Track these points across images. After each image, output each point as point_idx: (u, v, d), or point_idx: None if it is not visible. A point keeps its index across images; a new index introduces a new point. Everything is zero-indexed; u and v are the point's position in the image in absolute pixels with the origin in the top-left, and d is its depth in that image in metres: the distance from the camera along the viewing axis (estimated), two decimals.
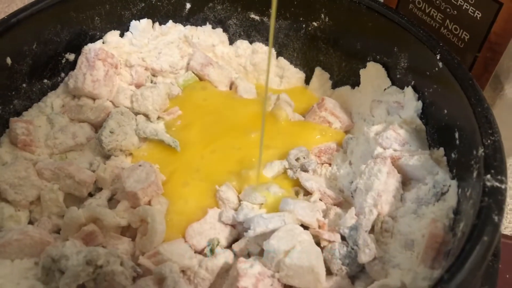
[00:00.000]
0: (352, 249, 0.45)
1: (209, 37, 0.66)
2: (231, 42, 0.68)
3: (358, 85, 0.62)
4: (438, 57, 0.50)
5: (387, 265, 0.44)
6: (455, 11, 0.57)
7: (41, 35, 0.56)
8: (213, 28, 0.67)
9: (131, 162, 0.55)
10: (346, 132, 0.60)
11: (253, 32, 0.67)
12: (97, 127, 0.58)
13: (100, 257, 0.42)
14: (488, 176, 0.39)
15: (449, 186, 0.47)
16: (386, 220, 0.47)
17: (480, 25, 0.55)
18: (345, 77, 0.64)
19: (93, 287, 0.43)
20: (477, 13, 0.55)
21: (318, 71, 0.67)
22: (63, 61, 0.60)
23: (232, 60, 0.67)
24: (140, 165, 0.51)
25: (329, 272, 0.45)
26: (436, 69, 0.51)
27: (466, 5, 0.56)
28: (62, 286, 0.42)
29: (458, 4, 0.57)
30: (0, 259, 0.45)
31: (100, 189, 0.53)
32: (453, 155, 0.48)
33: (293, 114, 0.62)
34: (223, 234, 0.50)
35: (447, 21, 0.59)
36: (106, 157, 0.55)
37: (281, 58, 0.68)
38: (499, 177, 0.39)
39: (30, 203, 0.51)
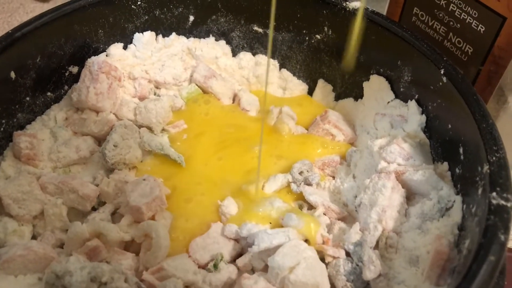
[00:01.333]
0: (357, 265, 0.45)
1: (212, 49, 0.66)
2: (234, 54, 0.68)
3: (361, 98, 0.62)
4: (442, 72, 0.51)
5: (392, 282, 0.44)
6: (459, 25, 0.58)
7: (45, 49, 0.56)
8: (216, 40, 0.67)
9: (135, 176, 0.55)
10: (350, 144, 0.60)
11: (256, 44, 0.67)
12: (100, 140, 0.58)
13: (105, 274, 0.42)
14: (494, 194, 0.39)
15: (454, 201, 0.47)
16: (390, 236, 0.47)
17: (483, 39, 0.55)
18: (348, 89, 0.64)
19: None
20: (481, 27, 0.55)
21: (321, 83, 0.67)
22: (67, 74, 0.60)
23: (235, 72, 0.67)
24: (144, 179, 0.51)
25: None
26: (440, 83, 0.51)
27: (469, 19, 0.56)
28: None
29: (461, 17, 0.57)
30: (4, 275, 0.45)
31: (103, 203, 0.53)
32: (457, 170, 0.48)
33: (296, 127, 0.62)
34: (226, 249, 0.50)
35: (451, 34, 0.59)
36: (110, 170, 0.55)
37: (284, 70, 0.68)
38: (505, 195, 0.39)
39: (34, 217, 0.51)
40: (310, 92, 0.68)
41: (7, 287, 0.44)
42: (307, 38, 0.64)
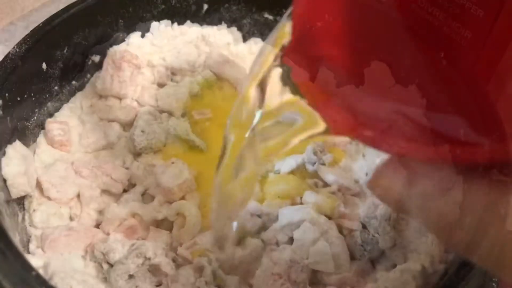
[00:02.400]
0: (373, 236, 0.50)
1: (224, 36, 0.69)
2: (245, 40, 0.71)
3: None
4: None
5: (406, 250, 0.49)
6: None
7: (71, 39, 0.58)
8: (228, 27, 0.70)
9: (161, 159, 0.59)
10: None
11: (267, 31, 0.70)
12: (125, 126, 0.61)
13: (148, 250, 0.46)
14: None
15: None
16: None
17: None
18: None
19: (140, 276, 0.47)
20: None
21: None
22: (89, 63, 0.63)
23: (246, 58, 0.70)
24: (173, 162, 0.55)
25: (352, 257, 0.50)
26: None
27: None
28: (114, 278, 0.46)
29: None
30: (52, 253, 0.49)
31: (133, 185, 0.57)
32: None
33: None
34: (250, 224, 0.54)
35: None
36: (137, 154, 0.59)
37: None
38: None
39: (70, 200, 0.55)
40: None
41: (56, 264, 0.48)
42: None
